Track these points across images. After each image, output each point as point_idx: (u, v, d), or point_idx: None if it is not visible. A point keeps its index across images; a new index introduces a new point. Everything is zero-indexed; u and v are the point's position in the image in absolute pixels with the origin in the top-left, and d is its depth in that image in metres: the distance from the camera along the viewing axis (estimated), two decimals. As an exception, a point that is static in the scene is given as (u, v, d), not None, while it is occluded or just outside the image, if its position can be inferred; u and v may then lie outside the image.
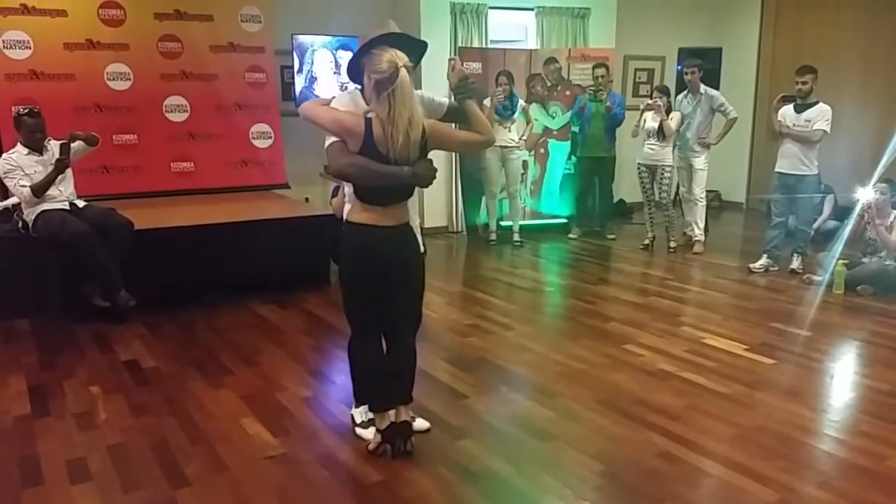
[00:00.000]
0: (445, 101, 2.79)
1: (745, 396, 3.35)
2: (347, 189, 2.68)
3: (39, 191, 4.28)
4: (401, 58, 2.44)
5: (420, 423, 2.97)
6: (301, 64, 6.29)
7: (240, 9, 5.97)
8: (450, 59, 2.78)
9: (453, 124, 2.89)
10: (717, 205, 8.44)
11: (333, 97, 2.74)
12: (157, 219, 4.83)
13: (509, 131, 6.45)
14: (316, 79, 6.38)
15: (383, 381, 2.76)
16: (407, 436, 2.77)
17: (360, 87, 2.64)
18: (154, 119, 5.75)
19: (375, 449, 2.78)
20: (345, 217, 2.71)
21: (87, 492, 2.54)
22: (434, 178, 2.62)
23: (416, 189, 2.72)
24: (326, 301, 4.89)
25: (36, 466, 2.71)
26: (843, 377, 3.71)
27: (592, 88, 6.64)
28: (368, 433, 2.87)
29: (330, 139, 2.56)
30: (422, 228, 2.88)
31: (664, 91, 6.20)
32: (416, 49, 2.62)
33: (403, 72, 2.42)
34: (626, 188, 7.84)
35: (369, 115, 2.49)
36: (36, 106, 4.46)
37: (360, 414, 2.98)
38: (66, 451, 2.83)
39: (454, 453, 2.82)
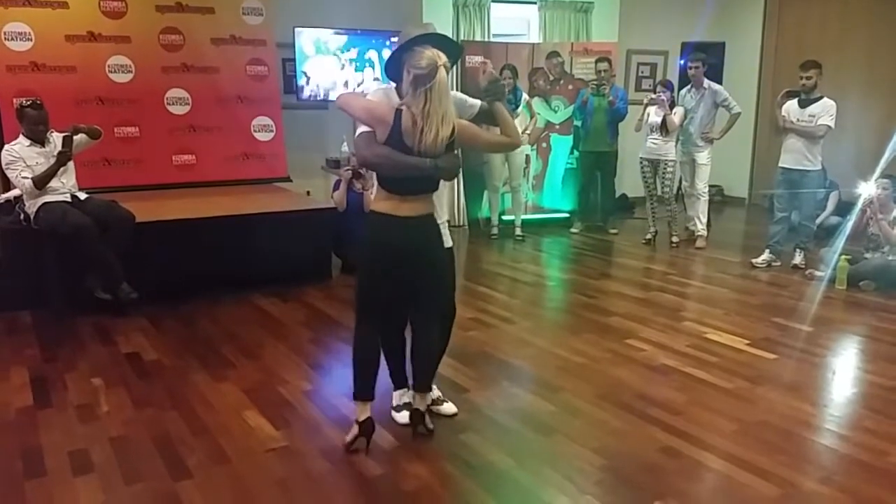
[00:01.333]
0: (478, 103, 2.83)
1: (747, 391, 3.35)
2: (373, 176, 2.78)
3: (41, 183, 4.27)
4: (441, 57, 2.52)
5: (448, 408, 3.05)
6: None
7: (241, 1, 5.95)
8: (482, 63, 2.84)
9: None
10: (719, 200, 8.43)
11: (367, 93, 2.86)
12: (158, 211, 4.83)
13: (512, 125, 6.43)
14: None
15: (372, 372, 2.80)
16: (420, 422, 2.84)
17: (394, 84, 2.69)
18: (155, 112, 5.74)
19: (350, 443, 2.75)
20: (370, 206, 2.79)
21: (90, 483, 2.55)
22: (458, 171, 2.72)
23: (442, 184, 2.78)
24: (328, 294, 4.90)
25: (38, 458, 2.72)
26: (845, 372, 3.71)
27: (595, 83, 6.62)
28: (402, 417, 2.95)
29: (360, 129, 2.63)
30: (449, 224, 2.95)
31: (667, 85, 6.19)
32: (452, 52, 2.69)
33: (442, 70, 2.50)
34: (629, 183, 7.83)
35: (401, 107, 2.56)
36: (39, 98, 4.45)
37: (397, 397, 3.05)
38: (68, 442, 2.83)
39: (456, 447, 2.82)
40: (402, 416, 2.96)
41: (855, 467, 2.69)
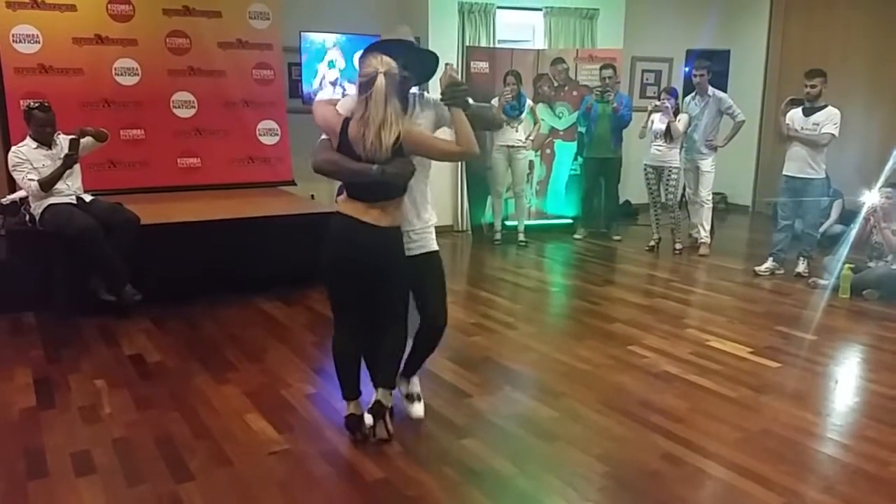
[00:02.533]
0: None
1: (750, 400, 3.34)
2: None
3: (47, 185, 4.29)
4: (385, 64, 2.55)
5: (416, 409, 3.05)
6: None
7: (248, 5, 5.98)
8: (446, 65, 2.74)
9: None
10: (723, 207, 8.43)
11: (341, 98, 2.91)
12: (163, 214, 4.84)
13: (516, 131, 6.44)
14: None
15: (349, 371, 2.87)
16: (379, 417, 2.82)
17: None
18: (161, 115, 5.76)
19: (351, 434, 2.89)
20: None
21: (92, 484, 2.55)
22: (408, 177, 2.67)
23: (422, 186, 2.80)
24: (331, 298, 4.90)
25: (41, 459, 2.73)
26: (848, 381, 3.71)
27: (599, 89, 6.63)
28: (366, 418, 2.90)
29: (321, 137, 2.74)
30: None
31: (672, 93, 6.20)
32: (422, 59, 2.73)
33: (381, 78, 2.54)
34: (632, 189, 7.83)
35: (349, 116, 2.63)
36: (47, 100, 4.47)
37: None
38: (71, 443, 2.84)
39: (457, 452, 2.82)
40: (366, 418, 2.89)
41: (857, 477, 2.68)
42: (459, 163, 7.03)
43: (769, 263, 5.63)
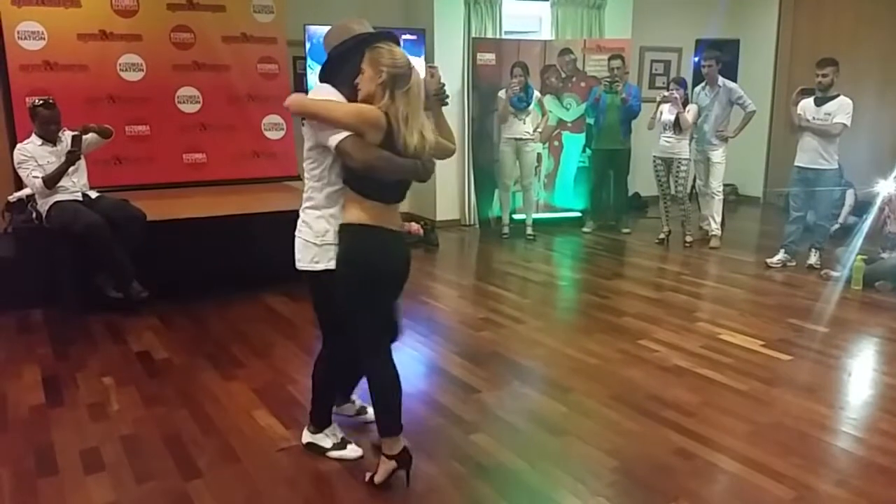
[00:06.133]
0: None
1: (762, 393, 3.31)
2: (331, 188, 2.54)
3: (51, 182, 4.28)
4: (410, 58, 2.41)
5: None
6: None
7: (252, -1, 5.96)
8: (430, 67, 2.64)
9: None
10: (733, 199, 8.36)
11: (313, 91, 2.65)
12: (169, 210, 4.83)
13: (524, 123, 6.39)
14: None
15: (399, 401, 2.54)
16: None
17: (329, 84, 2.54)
18: (166, 110, 5.74)
19: (387, 479, 2.50)
20: (339, 219, 2.54)
21: (101, 481, 2.55)
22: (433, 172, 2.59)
23: (429, 183, 2.70)
24: (338, 293, 4.88)
25: (50, 456, 2.73)
26: (861, 374, 3.66)
27: (608, 80, 6.56)
28: (351, 452, 2.72)
29: (341, 134, 2.35)
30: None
31: (681, 83, 6.13)
32: None
33: (417, 72, 2.38)
34: (642, 181, 7.77)
35: (385, 111, 2.36)
36: (51, 97, 4.46)
37: (329, 436, 2.75)
38: (79, 441, 2.84)
39: (466, 447, 2.80)
40: (352, 451, 2.73)
41: (871, 470, 2.65)
42: (467, 157, 7.00)
43: (781, 255, 5.58)
